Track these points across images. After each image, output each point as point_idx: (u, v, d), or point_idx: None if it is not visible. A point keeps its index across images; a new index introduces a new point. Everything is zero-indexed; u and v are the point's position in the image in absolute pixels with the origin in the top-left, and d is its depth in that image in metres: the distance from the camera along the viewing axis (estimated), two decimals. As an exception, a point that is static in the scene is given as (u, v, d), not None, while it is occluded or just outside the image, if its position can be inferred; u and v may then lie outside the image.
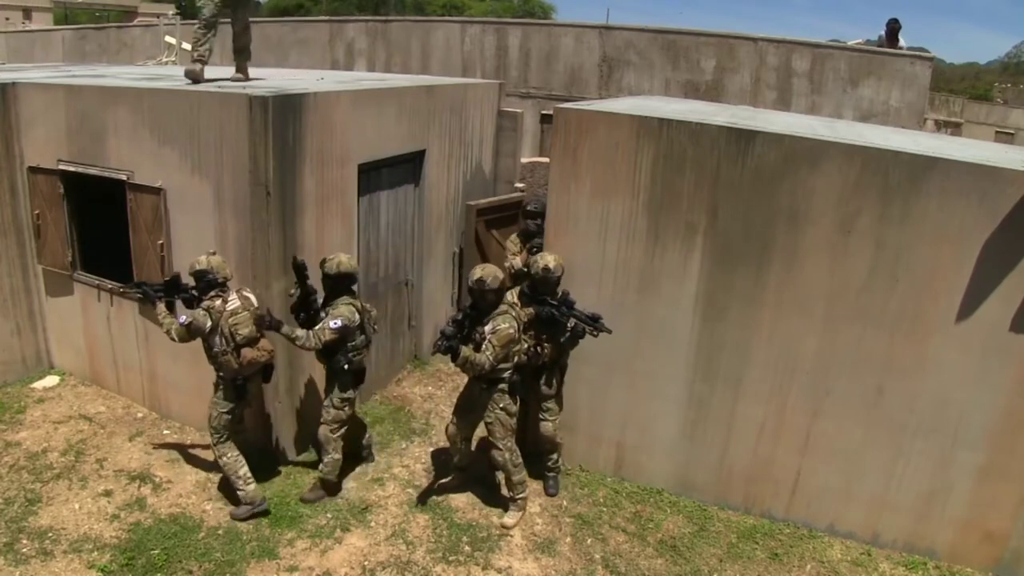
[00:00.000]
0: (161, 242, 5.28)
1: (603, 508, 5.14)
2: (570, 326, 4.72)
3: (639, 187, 4.87)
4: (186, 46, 8.69)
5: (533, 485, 5.19)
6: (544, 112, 11.21)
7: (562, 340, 4.82)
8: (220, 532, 4.64)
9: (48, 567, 4.28)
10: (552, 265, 4.76)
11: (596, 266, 5.08)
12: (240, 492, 4.72)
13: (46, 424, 5.70)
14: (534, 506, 5.08)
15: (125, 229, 5.48)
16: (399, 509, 5.01)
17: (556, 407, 5.08)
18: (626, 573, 4.56)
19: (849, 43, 10.49)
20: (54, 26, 26.88)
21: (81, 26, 21.01)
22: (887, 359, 4.55)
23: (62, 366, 6.53)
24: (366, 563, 4.49)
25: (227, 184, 4.91)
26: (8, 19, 32.56)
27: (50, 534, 4.53)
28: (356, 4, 37.78)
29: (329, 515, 4.87)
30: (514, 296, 4.78)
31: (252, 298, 4.66)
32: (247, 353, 4.51)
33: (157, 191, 5.19)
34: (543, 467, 5.28)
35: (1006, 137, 23.32)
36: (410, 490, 5.21)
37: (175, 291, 4.66)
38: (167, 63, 12.56)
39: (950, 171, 4.23)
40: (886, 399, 4.63)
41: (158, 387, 5.89)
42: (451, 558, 4.58)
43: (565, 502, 5.19)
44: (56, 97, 5.63)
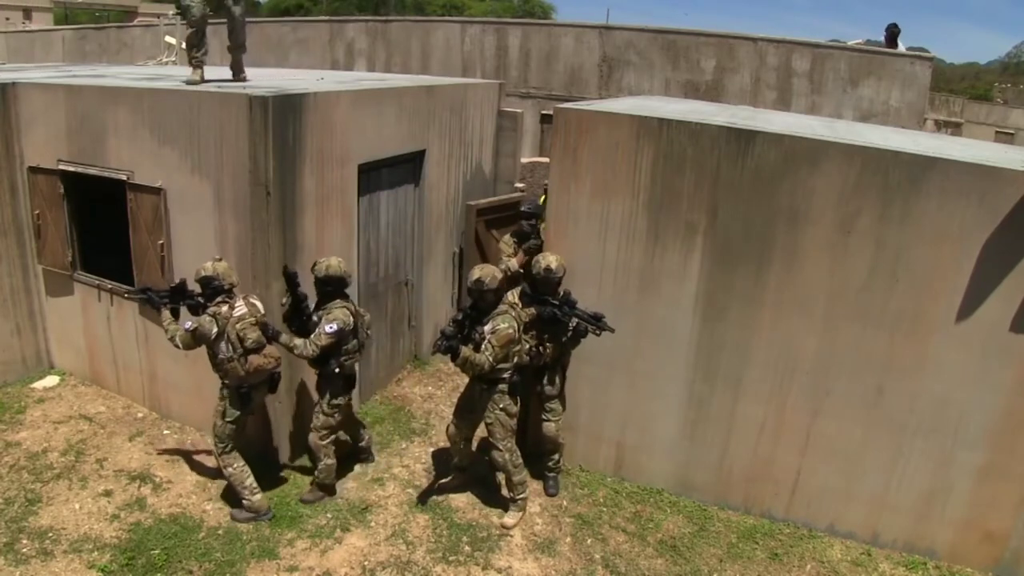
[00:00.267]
0: (161, 242, 5.28)
1: (603, 508, 5.14)
2: (572, 325, 4.73)
3: (639, 187, 4.87)
4: (185, 46, 8.69)
5: (533, 485, 5.19)
6: (544, 112, 11.22)
7: (564, 340, 4.82)
8: (220, 532, 4.64)
9: (48, 567, 4.28)
10: (554, 265, 4.76)
11: (596, 266, 5.08)
12: (246, 502, 4.70)
13: (46, 424, 5.70)
14: (534, 506, 5.08)
15: (125, 229, 5.48)
16: (399, 509, 5.01)
17: (559, 407, 5.08)
18: (626, 573, 4.56)
19: (849, 43, 10.48)
20: (54, 26, 26.89)
21: (81, 26, 21.02)
22: (887, 359, 4.56)
23: (62, 366, 6.53)
24: (366, 563, 4.49)
25: (227, 184, 4.91)
26: (8, 19, 32.57)
27: (50, 534, 4.53)
28: (356, 4, 37.77)
29: (329, 515, 4.87)
30: (515, 296, 4.79)
31: (259, 305, 4.60)
32: (254, 360, 4.44)
33: (157, 191, 5.19)
34: (543, 467, 5.29)
35: (1006, 137, 23.33)
36: (410, 490, 5.21)
37: (180, 297, 4.61)
38: (167, 63, 12.56)
39: (950, 171, 4.23)
40: (886, 399, 4.63)
41: (158, 387, 5.89)
42: (451, 558, 4.58)
43: (565, 502, 5.19)
44: (56, 97, 5.63)
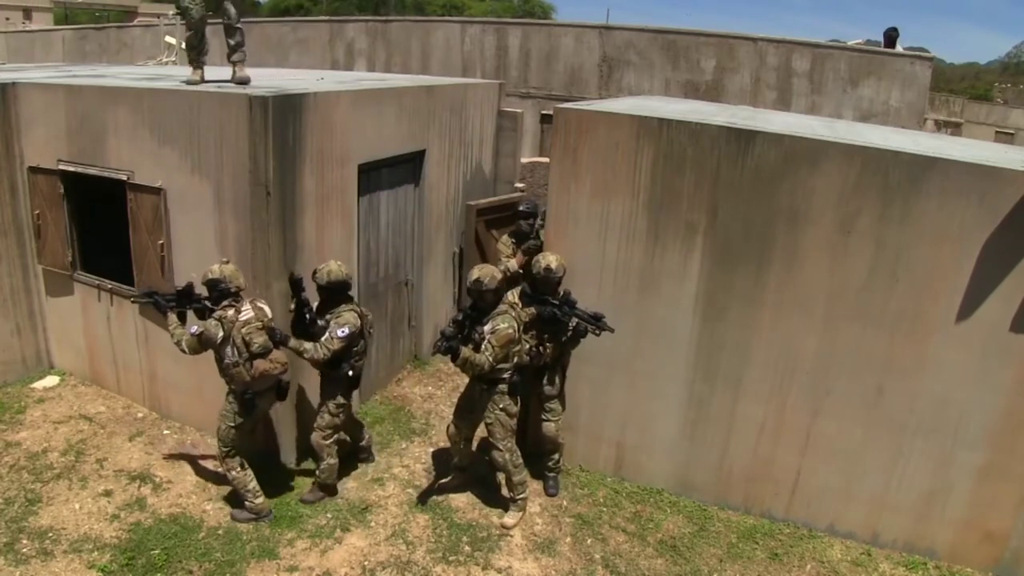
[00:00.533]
0: (161, 242, 5.28)
1: (603, 508, 5.14)
2: (572, 325, 4.73)
3: (639, 187, 4.87)
4: (185, 46, 8.69)
5: (533, 485, 5.19)
6: (544, 112, 11.22)
7: (564, 340, 4.82)
8: (220, 532, 4.64)
9: (48, 567, 4.28)
10: (554, 265, 4.76)
11: (596, 266, 5.08)
12: (249, 504, 4.70)
13: (46, 424, 5.70)
14: (534, 506, 5.08)
15: (125, 229, 5.48)
16: (399, 509, 5.01)
17: (559, 407, 5.08)
18: (626, 573, 4.56)
19: (849, 43, 10.49)
20: (54, 26, 26.90)
21: (81, 26, 21.02)
22: (887, 359, 4.55)
23: (62, 366, 6.53)
24: (366, 563, 4.49)
25: (227, 184, 4.90)
26: (8, 19, 32.58)
27: (50, 534, 4.53)
28: (356, 4, 37.78)
29: (329, 515, 4.87)
30: (514, 296, 4.79)
31: (266, 309, 4.55)
32: (260, 365, 4.40)
33: (157, 191, 5.19)
34: (543, 467, 5.29)
35: (1006, 137, 23.34)
36: (410, 490, 5.21)
37: (187, 301, 4.58)
38: (167, 63, 12.57)
39: (950, 171, 4.23)
40: (886, 399, 4.63)
41: (158, 387, 5.89)
42: (451, 558, 4.58)
43: (565, 502, 5.19)
44: (56, 97, 5.63)
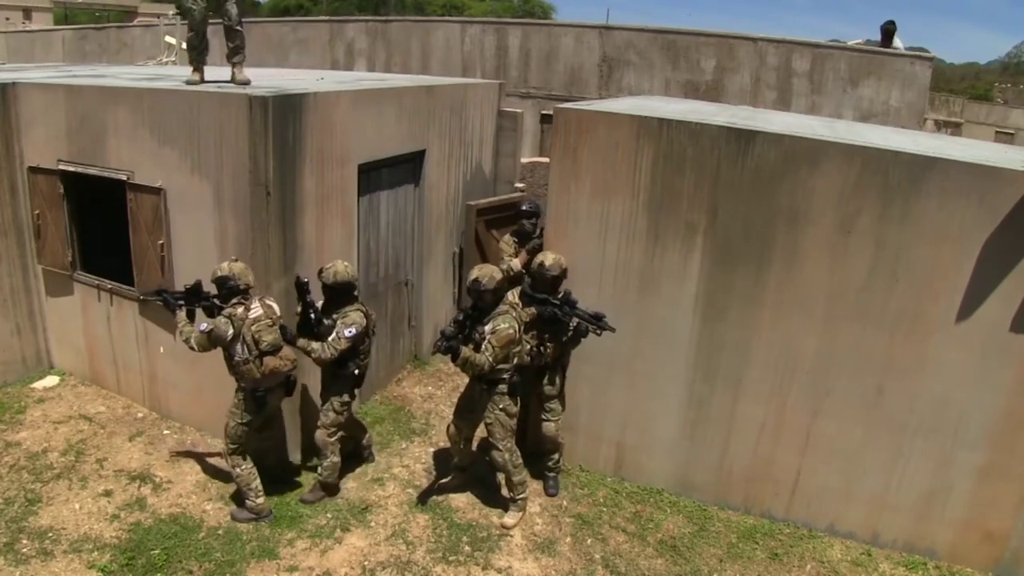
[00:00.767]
0: (161, 242, 5.28)
1: (603, 508, 5.14)
2: (573, 325, 4.72)
3: (639, 187, 4.87)
4: (185, 46, 8.69)
5: (533, 485, 5.19)
6: (544, 112, 11.21)
7: (564, 339, 4.82)
8: (220, 532, 4.64)
9: (48, 567, 4.28)
10: (548, 263, 4.76)
11: (596, 266, 5.08)
12: (250, 503, 4.71)
13: (46, 424, 5.70)
14: (534, 506, 5.08)
15: (125, 229, 5.48)
16: (399, 509, 5.01)
17: (559, 407, 5.08)
18: (626, 573, 4.56)
19: (849, 43, 10.47)
20: (54, 26, 26.89)
21: (81, 26, 21.00)
22: (887, 359, 4.55)
23: (62, 366, 6.53)
24: (366, 563, 4.49)
25: (227, 184, 4.91)
26: (8, 19, 32.59)
27: (50, 534, 4.53)
28: (356, 4, 37.78)
29: (329, 515, 4.87)
30: (515, 296, 4.79)
31: (275, 306, 4.55)
32: (269, 362, 4.41)
33: (157, 191, 5.19)
34: (543, 467, 5.29)
35: (1006, 137, 23.33)
36: (410, 490, 5.21)
37: (196, 299, 4.59)
38: (167, 63, 12.57)
39: (950, 171, 4.23)
40: (886, 399, 4.63)
41: (158, 387, 5.89)
42: (451, 558, 4.58)
43: (565, 502, 5.19)
44: (56, 97, 5.63)
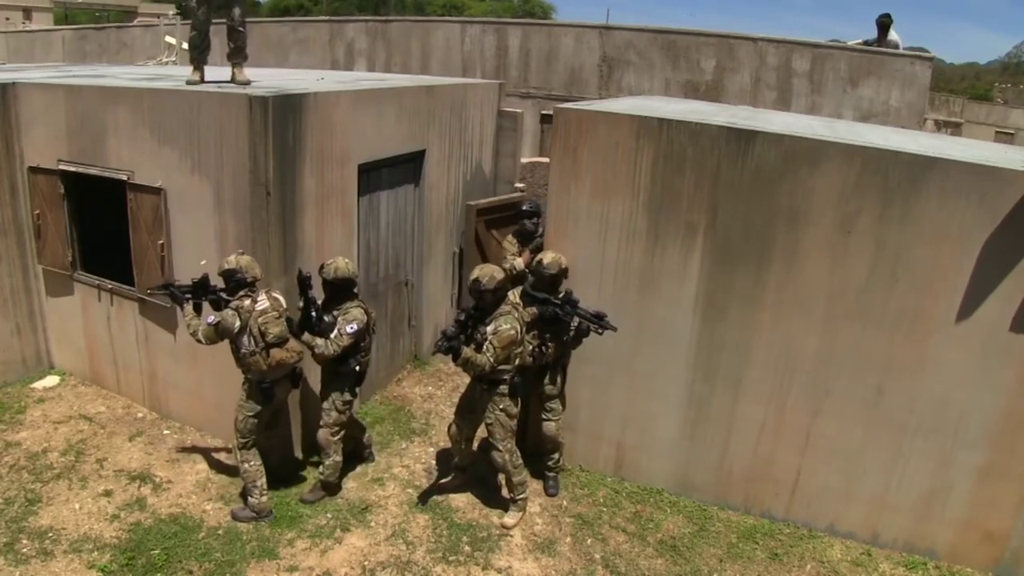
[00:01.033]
0: (161, 242, 5.28)
1: (603, 508, 5.14)
2: (574, 325, 4.72)
3: (639, 187, 4.87)
4: (186, 46, 8.68)
5: (533, 485, 5.19)
6: (544, 112, 11.20)
7: (565, 339, 4.82)
8: (220, 532, 4.64)
9: (48, 567, 4.28)
10: (547, 262, 4.77)
11: (596, 266, 5.08)
12: (253, 500, 4.72)
13: (46, 424, 5.70)
14: (534, 506, 5.08)
15: (125, 229, 5.48)
16: (399, 509, 5.01)
17: (559, 407, 5.08)
18: (626, 573, 4.56)
19: (849, 43, 10.46)
20: (54, 26, 26.89)
21: (81, 26, 21.00)
22: (887, 359, 4.55)
23: (62, 366, 6.53)
24: (366, 563, 4.49)
25: (227, 184, 4.91)
26: (8, 19, 32.58)
27: (50, 534, 4.53)
28: (356, 4, 37.79)
29: (329, 515, 4.87)
30: (516, 296, 4.78)
31: (281, 299, 4.61)
32: (276, 354, 4.45)
33: (157, 191, 5.19)
34: (544, 467, 5.29)
35: (1006, 137, 23.33)
36: (410, 490, 5.21)
37: (203, 292, 4.61)
38: (167, 63, 12.56)
39: (950, 171, 4.23)
40: (886, 399, 4.63)
41: (158, 387, 5.89)
42: (451, 558, 4.58)
43: (565, 502, 5.19)
44: (56, 97, 5.63)
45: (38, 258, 6.14)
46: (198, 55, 5.50)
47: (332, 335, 4.59)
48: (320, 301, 4.72)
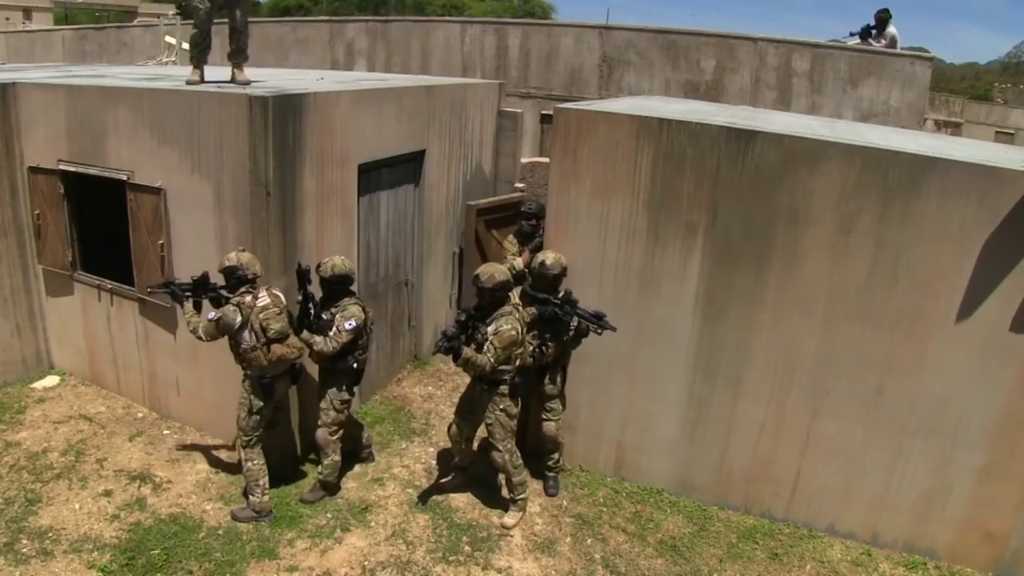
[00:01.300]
0: (161, 242, 5.28)
1: (603, 508, 5.14)
2: (574, 325, 4.73)
3: (639, 187, 4.87)
4: (186, 46, 8.68)
5: (533, 485, 5.19)
6: (544, 112, 11.20)
7: (565, 339, 4.82)
8: (220, 532, 4.64)
9: (48, 567, 4.28)
10: (549, 262, 4.77)
11: (596, 266, 5.09)
12: (254, 499, 4.72)
13: (46, 424, 5.70)
14: (534, 506, 5.08)
15: (125, 229, 5.48)
16: (399, 509, 5.01)
17: (559, 407, 5.08)
18: (626, 573, 4.56)
19: (849, 43, 10.46)
20: (54, 26, 26.89)
21: (81, 26, 20.99)
22: (887, 359, 4.55)
23: (62, 366, 6.53)
24: (366, 563, 4.49)
25: (227, 184, 4.91)
26: (8, 19, 32.58)
27: (50, 534, 4.53)
28: (356, 4, 37.78)
29: (329, 515, 4.87)
30: (515, 296, 4.78)
31: (281, 296, 4.64)
32: (277, 349, 4.48)
33: (157, 191, 5.19)
34: (544, 467, 5.29)
35: (1006, 137, 23.33)
36: (410, 490, 5.21)
37: (203, 290, 4.65)
38: (167, 63, 12.56)
39: (950, 171, 4.23)
40: (886, 399, 4.63)
41: (158, 387, 5.89)
42: (451, 558, 4.58)
43: (565, 502, 5.19)
44: (56, 97, 5.63)
45: (38, 258, 6.14)
46: (199, 53, 5.50)
47: (331, 332, 4.61)
48: (319, 299, 4.75)
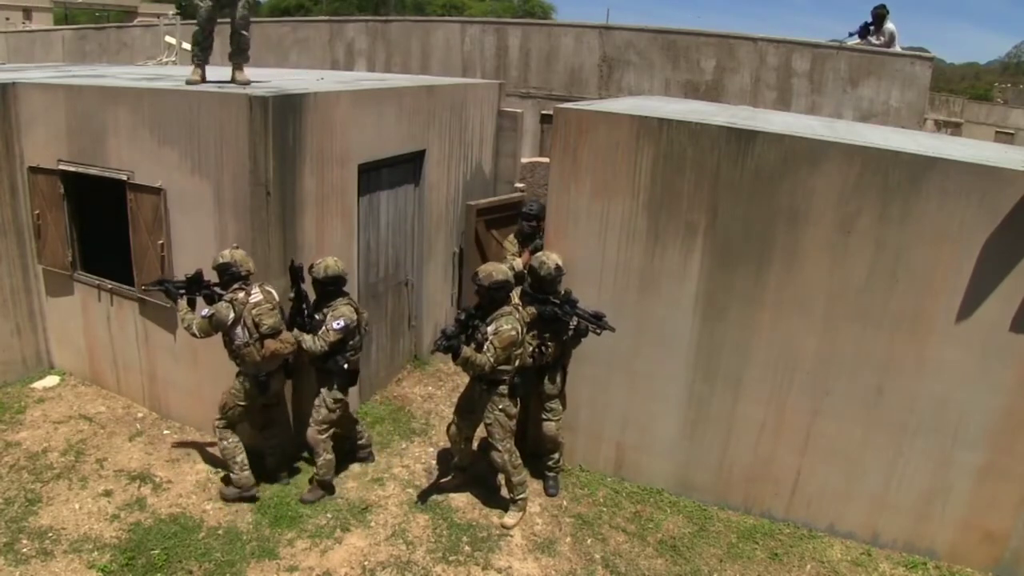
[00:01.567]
0: (161, 242, 5.28)
1: (603, 508, 5.14)
2: (573, 324, 4.73)
3: (639, 187, 4.87)
4: (186, 46, 8.68)
5: (533, 485, 5.19)
6: (544, 112, 11.19)
7: (565, 339, 4.82)
8: (220, 532, 4.64)
9: (48, 567, 4.28)
10: (548, 262, 4.80)
11: (596, 266, 5.09)
12: (234, 476, 4.81)
13: (46, 424, 5.70)
14: (534, 506, 5.08)
15: (125, 229, 5.48)
16: (399, 509, 5.01)
17: (559, 406, 5.09)
18: (626, 573, 4.56)
19: (849, 43, 10.46)
20: (54, 26, 26.88)
21: (81, 26, 21.00)
22: (887, 359, 4.55)
23: (62, 366, 6.53)
24: (366, 563, 4.49)
25: (227, 184, 4.91)
26: (8, 19, 32.57)
27: (50, 534, 4.53)
28: (356, 4, 37.79)
29: (329, 515, 4.87)
30: (515, 296, 4.79)
31: (274, 292, 4.69)
32: (270, 344, 4.53)
33: (157, 191, 5.19)
34: (543, 467, 5.29)
35: (1006, 137, 23.31)
36: (410, 490, 5.21)
37: (197, 288, 4.69)
38: (167, 63, 12.56)
39: (950, 171, 4.23)
40: (886, 399, 4.63)
41: (158, 387, 5.89)
42: (451, 558, 4.58)
43: (565, 502, 5.19)
44: (56, 97, 5.63)
45: (38, 258, 6.14)
46: (200, 52, 5.49)
47: (320, 331, 4.65)
48: (312, 301, 4.78)
